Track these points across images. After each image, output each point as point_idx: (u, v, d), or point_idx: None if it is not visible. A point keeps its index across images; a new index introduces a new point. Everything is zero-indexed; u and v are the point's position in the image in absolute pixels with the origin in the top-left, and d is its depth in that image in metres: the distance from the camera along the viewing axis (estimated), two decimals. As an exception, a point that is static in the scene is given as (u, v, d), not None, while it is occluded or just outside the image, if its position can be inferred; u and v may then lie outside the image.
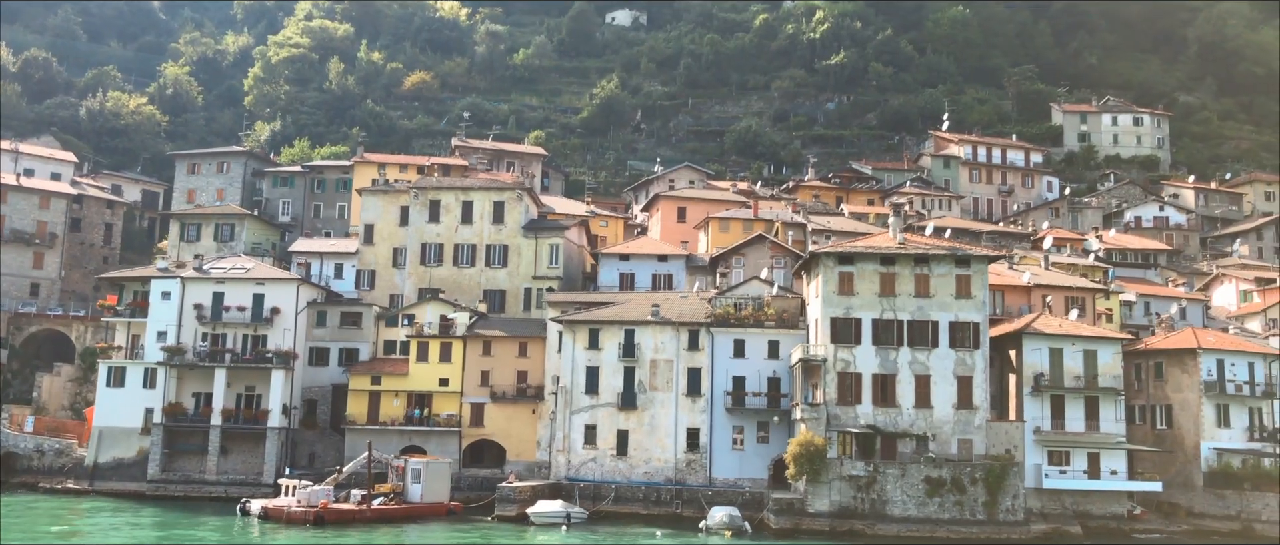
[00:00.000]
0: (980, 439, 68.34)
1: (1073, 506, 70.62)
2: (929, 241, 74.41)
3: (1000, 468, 64.78)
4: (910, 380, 68.96)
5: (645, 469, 75.84)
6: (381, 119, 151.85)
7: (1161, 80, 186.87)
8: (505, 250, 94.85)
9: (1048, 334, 72.10)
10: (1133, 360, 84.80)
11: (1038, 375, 71.32)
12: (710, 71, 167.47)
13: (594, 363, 77.56)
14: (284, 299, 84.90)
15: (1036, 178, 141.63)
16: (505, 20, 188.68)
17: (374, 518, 66.82)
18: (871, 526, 63.87)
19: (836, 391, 68.66)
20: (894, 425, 68.42)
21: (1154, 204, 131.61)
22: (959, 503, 63.96)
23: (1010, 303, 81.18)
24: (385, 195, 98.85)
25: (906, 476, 64.34)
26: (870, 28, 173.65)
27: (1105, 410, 72.06)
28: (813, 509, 64.88)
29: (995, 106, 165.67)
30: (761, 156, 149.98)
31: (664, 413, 76.26)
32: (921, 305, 69.86)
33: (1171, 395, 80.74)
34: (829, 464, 64.82)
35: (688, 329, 76.62)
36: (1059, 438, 70.94)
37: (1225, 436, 78.95)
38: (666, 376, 76.68)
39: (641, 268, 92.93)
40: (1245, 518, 74.55)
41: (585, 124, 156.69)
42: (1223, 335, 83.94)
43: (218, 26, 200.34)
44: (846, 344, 69.37)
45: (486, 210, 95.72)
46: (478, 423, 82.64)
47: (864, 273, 70.07)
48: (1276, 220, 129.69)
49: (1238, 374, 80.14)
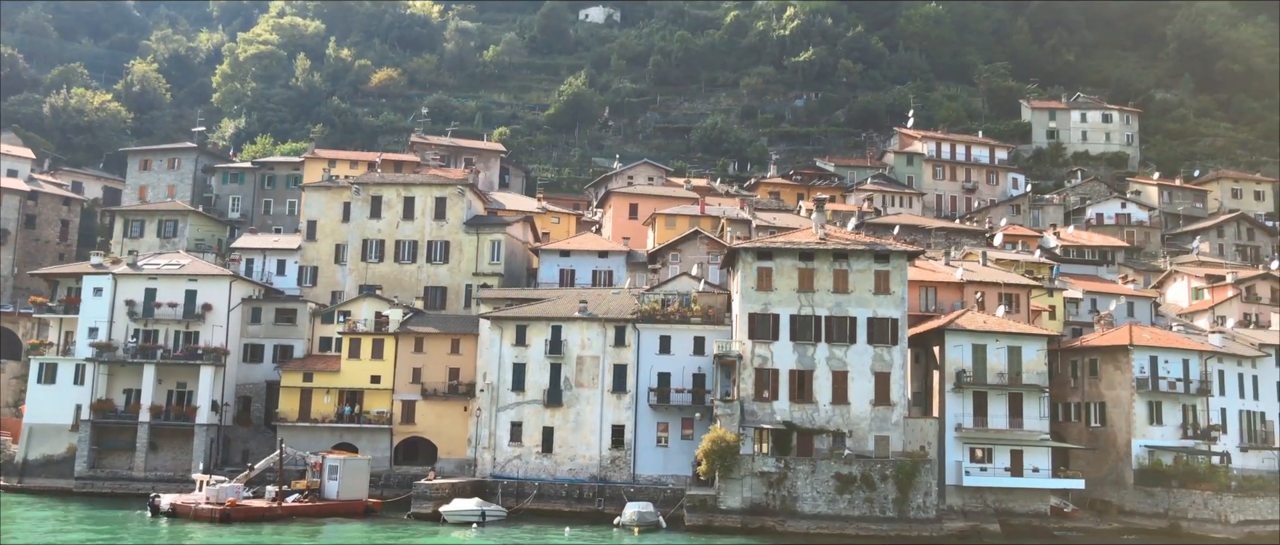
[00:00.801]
0: (897, 435, 67.88)
1: (995, 504, 70.12)
2: (849, 237, 74.01)
3: (911, 464, 64.31)
4: (828, 376, 68.54)
5: (570, 466, 75.50)
6: (346, 116, 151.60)
7: (1139, 77, 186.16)
8: (447, 246, 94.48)
9: (970, 330, 71.61)
10: (1068, 357, 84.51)
11: (959, 371, 70.86)
12: (680, 68, 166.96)
13: (521, 359, 77.22)
14: (217, 295, 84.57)
15: (1001, 175, 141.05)
16: (478, 17, 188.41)
17: (285, 515, 66.41)
18: (782, 523, 63.48)
19: (753, 387, 68.28)
20: (811, 421, 68.00)
21: (1116, 201, 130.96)
22: (869, 500, 63.50)
23: (943, 299, 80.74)
24: (329, 192, 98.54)
25: (816, 473, 63.91)
26: (841, 25, 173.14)
27: (1029, 407, 71.59)
28: (725, 506, 64.47)
29: (965, 104, 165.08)
30: (726, 153, 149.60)
31: (589, 409, 75.89)
32: (840, 301, 69.44)
33: (1105, 392, 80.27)
34: (741, 460, 64.39)
35: (614, 325, 76.25)
36: (980, 434, 70.48)
37: (1157, 434, 78.50)
38: (593, 373, 76.31)
39: (582, 264, 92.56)
40: (1172, 515, 74.11)
41: (552, 121, 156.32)
42: (1158, 332, 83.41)
43: (193, 24, 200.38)
44: (764, 340, 68.98)
45: (428, 206, 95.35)
46: (409, 420, 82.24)
47: (783, 268, 69.62)
48: (1237, 217, 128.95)
49: (1171, 371, 79.67)
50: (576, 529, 65.37)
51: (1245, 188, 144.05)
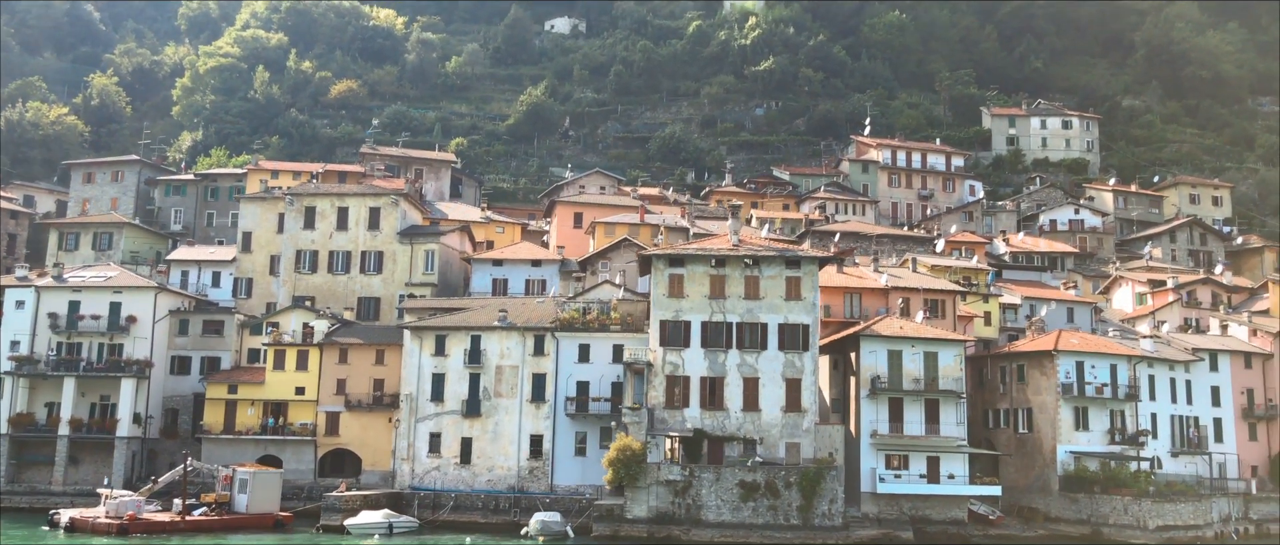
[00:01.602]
0: (809, 442, 67.34)
1: (911, 511, 69.56)
2: (762, 243, 73.50)
3: (815, 471, 63.75)
4: (739, 383, 68.02)
5: (488, 477, 74.95)
6: (304, 127, 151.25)
7: (1106, 84, 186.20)
8: (380, 257, 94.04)
9: (886, 336, 71.12)
10: (997, 363, 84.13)
11: (874, 377, 70.27)
12: (642, 78, 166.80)
13: (440, 370, 76.77)
14: (142, 307, 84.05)
15: (958, 182, 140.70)
16: (444, 29, 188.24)
17: (189, 529, 65.69)
18: (687, 532, 62.87)
19: (665, 395, 67.76)
20: (722, 429, 67.48)
21: (1069, 207, 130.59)
22: (773, 507, 62.90)
23: (868, 305, 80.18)
24: (264, 203, 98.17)
25: (721, 481, 63.33)
26: (803, 34, 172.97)
27: (946, 413, 71.05)
28: (631, 515, 63.87)
29: (926, 111, 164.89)
30: (684, 163, 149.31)
31: (508, 420, 75.40)
32: (752, 307, 68.95)
33: (1032, 398, 79.81)
34: (646, 469, 63.78)
35: (533, 334, 75.79)
36: (896, 441, 69.94)
37: (1083, 440, 78.00)
38: (512, 383, 75.83)
39: (515, 273, 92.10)
40: (1094, 521, 73.58)
41: (511, 131, 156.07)
42: (1088, 337, 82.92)
43: (160, 38, 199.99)
44: (676, 346, 68.49)
45: (362, 217, 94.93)
46: (333, 432, 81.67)
47: (695, 275, 69.17)
48: (1189, 223, 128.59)
49: (1098, 376, 79.19)
50: (483, 538, 64.73)
51: (1203, 193, 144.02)
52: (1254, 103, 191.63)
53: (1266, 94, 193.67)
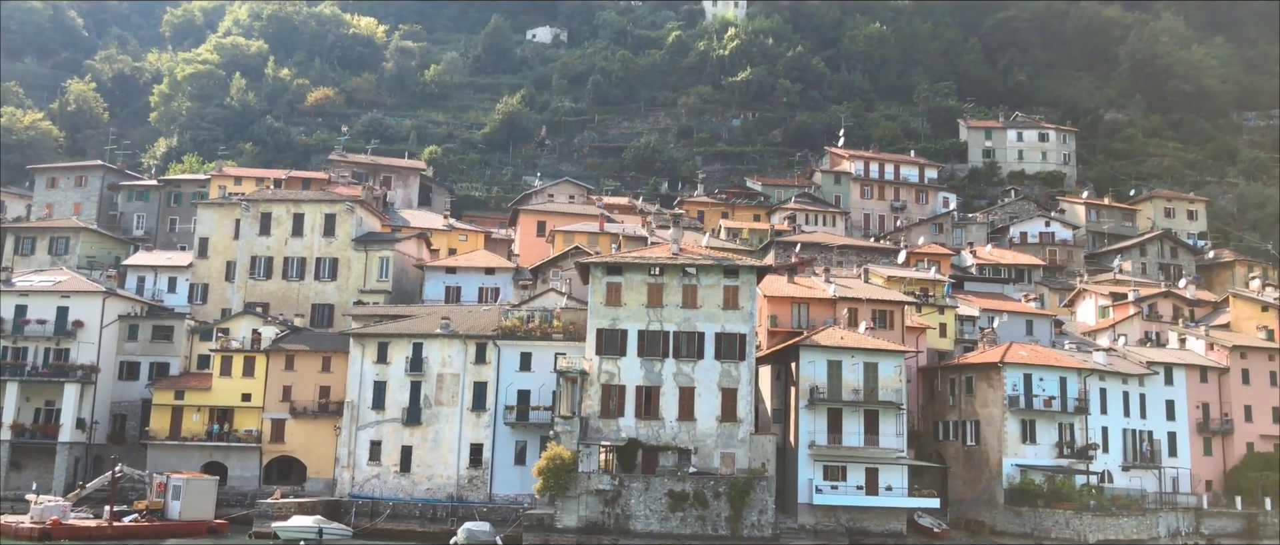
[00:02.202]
0: (743, 452, 66.81)
1: (848, 522, 68.95)
2: (700, 252, 73.06)
3: (744, 481, 63.23)
4: (675, 392, 67.57)
5: (427, 485, 74.54)
6: (279, 135, 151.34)
7: (1089, 97, 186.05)
8: (335, 263, 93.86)
9: (825, 346, 70.61)
10: (947, 375, 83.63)
11: (813, 388, 69.77)
12: (620, 88, 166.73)
13: (382, 377, 76.41)
14: (90, 312, 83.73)
15: (931, 194, 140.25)
16: (425, 37, 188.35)
17: (116, 535, 65.25)
18: (616, 541, 62.29)
19: (600, 404, 67.26)
20: (657, 438, 66.99)
21: (1040, 219, 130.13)
22: (701, 517, 62.39)
23: (815, 315, 79.64)
24: (221, 208, 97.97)
25: (650, 490, 62.85)
26: (783, 45, 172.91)
27: (886, 424, 70.47)
28: (561, 524, 63.38)
29: (904, 124, 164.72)
30: (658, 173, 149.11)
31: (448, 428, 75.01)
32: (689, 316, 68.53)
33: (980, 411, 79.29)
34: (577, 478, 63.29)
35: (475, 342, 75.41)
36: (834, 452, 69.37)
37: (1030, 452, 77.43)
38: (453, 391, 75.44)
39: (469, 281, 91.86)
40: (1037, 535, 72.96)
41: (486, 140, 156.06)
42: (1039, 350, 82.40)
43: (144, 44, 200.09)
44: (613, 355, 68.01)
45: (318, 223, 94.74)
46: (278, 439, 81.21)
47: (632, 283, 68.76)
48: (1159, 236, 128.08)
49: (1047, 389, 78.66)
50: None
51: (1178, 207, 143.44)
52: (1239, 117, 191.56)
53: (1252, 108, 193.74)
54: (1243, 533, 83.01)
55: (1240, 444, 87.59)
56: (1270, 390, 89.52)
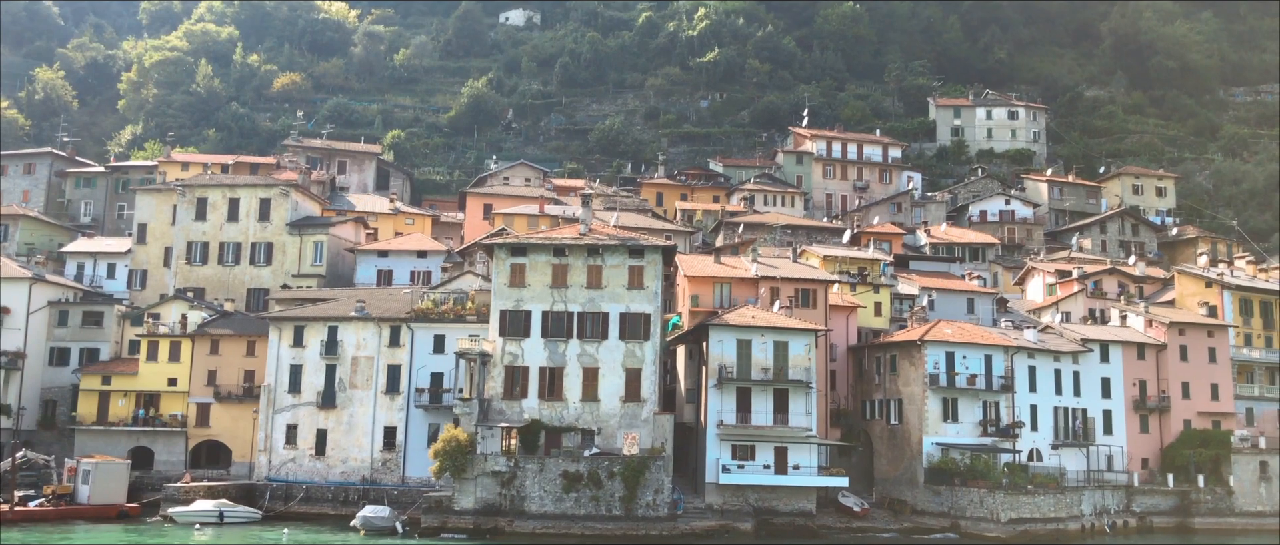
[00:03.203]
0: (647, 432, 66.40)
1: (757, 502, 68.51)
2: (610, 232, 72.46)
3: (638, 462, 62.80)
4: (578, 373, 67.20)
5: (342, 469, 74.44)
6: (244, 121, 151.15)
7: (1070, 74, 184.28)
8: (270, 248, 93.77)
9: (735, 325, 70.05)
10: (873, 354, 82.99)
11: (721, 367, 69.23)
12: (589, 70, 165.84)
13: (298, 361, 76.29)
14: (16, 298, 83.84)
15: (895, 173, 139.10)
16: (397, 21, 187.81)
17: (18, 519, 65.30)
18: (511, 523, 62.02)
19: (504, 385, 66.93)
20: (560, 419, 66.67)
21: (1001, 198, 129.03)
22: (595, 498, 62.04)
23: (738, 295, 79.00)
24: (160, 194, 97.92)
25: (545, 472, 62.53)
26: (753, 25, 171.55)
27: (795, 403, 69.95)
28: (459, 507, 63.20)
29: (875, 103, 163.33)
30: (622, 154, 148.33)
31: (362, 411, 74.85)
32: (594, 297, 68.10)
33: (902, 389, 78.70)
34: (473, 460, 63.01)
35: (389, 325, 75.11)
36: (742, 431, 68.87)
37: (952, 431, 76.83)
38: (367, 374, 75.25)
39: (400, 264, 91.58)
40: (954, 514, 72.42)
41: (452, 123, 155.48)
42: (964, 327, 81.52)
43: (121, 32, 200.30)
44: (517, 337, 67.66)
45: (253, 208, 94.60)
46: (203, 423, 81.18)
47: (536, 264, 68.36)
48: (1121, 213, 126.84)
49: (970, 367, 77.93)
50: (313, 530, 64.23)
51: (1147, 183, 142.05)
52: (1226, 93, 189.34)
53: (1240, 84, 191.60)
54: (1175, 510, 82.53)
55: (1177, 421, 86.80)
56: (1209, 367, 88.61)
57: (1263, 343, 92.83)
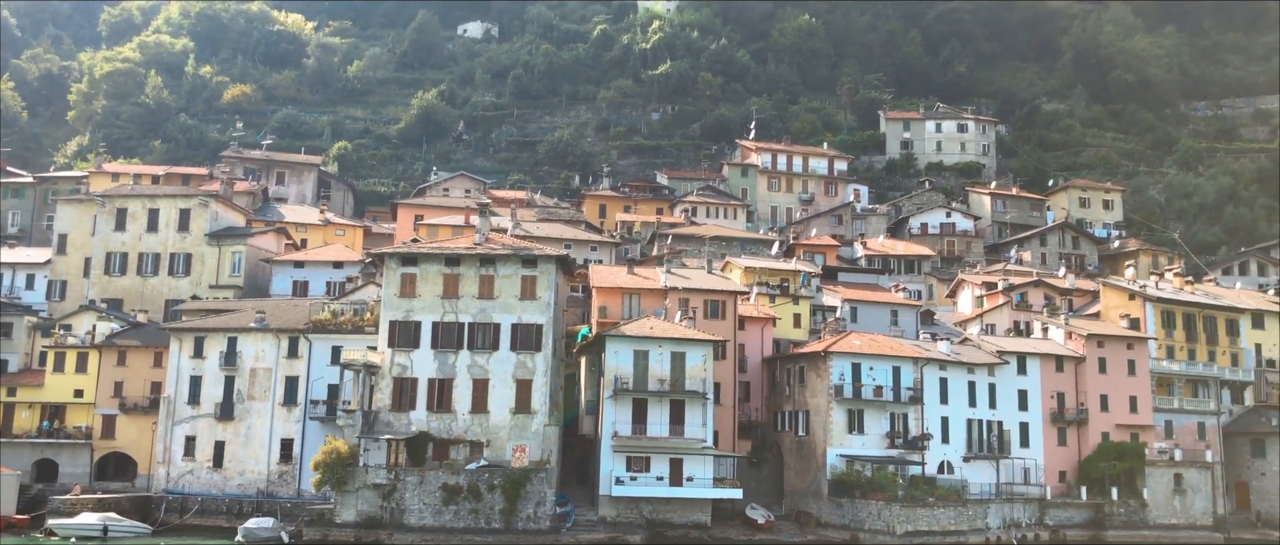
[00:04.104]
0: (537, 444, 65.78)
1: (651, 514, 67.91)
2: (506, 242, 71.95)
3: (520, 474, 62.21)
4: (468, 384, 66.62)
5: (239, 481, 73.73)
6: (192, 132, 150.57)
7: (1029, 88, 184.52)
8: (189, 259, 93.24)
9: (632, 336, 69.52)
10: (784, 365, 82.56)
11: (617, 378, 68.65)
12: (542, 82, 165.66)
13: (198, 372, 75.65)
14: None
15: (841, 185, 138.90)
16: (358, 34, 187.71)
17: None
18: (391, 536, 61.30)
19: (392, 397, 66.28)
20: (448, 431, 66.08)
21: (941, 211, 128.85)
22: (475, 511, 61.45)
23: (645, 305, 78.45)
24: (81, 205, 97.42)
25: (424, 484, 61.90)
26: (708, 38, 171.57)
27: (692, 414, 69.38)
28: (341, 519, 62.51)
29: (827, 116, 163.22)
30: (571, 166, 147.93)
31: (260, 423, 74.18)
32: (485, 307, 67.59)
33: (809, 401, 78.20)
34: (355, 472, 62.34)
35: (288, 336, 74.47)
36: (637, 442, 68.28)
37: (857, 443, 76.32)
38: (265, 385, 74.60)
39: (316, 275, 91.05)
40: (854, 526, 71.83)
41: (402, 135, 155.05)
42: (874, 338, 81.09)
43: (80, 44, 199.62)
44: (406, 348, 67.04)
45: (172, 218, 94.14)
46: (109, 435, 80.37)
47: (428, 274, 67.84)
48: (1061, 226, 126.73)
49: (877, 378, 77.45)
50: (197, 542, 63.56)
51: (1094, 197, 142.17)
52: (1187, 107, 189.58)
53: (1202, 98, 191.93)
54: (1089, 523, 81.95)
55: (1096, 433, 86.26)
56: (1129, 379, 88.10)
57: (1185, 355, 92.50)
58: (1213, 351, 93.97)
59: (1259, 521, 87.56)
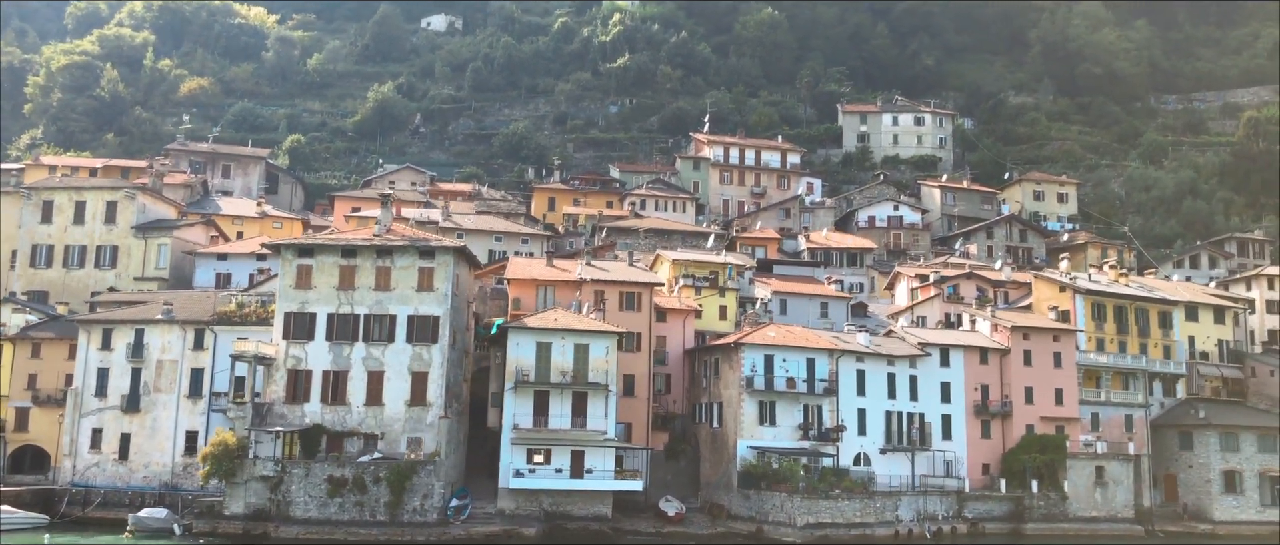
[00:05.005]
0: (432, 437, 65.44)
1: (552, 506, 67.55)
2: (400, 233, 71.43)
3: (406, 466, 61.82)
4: (363, 377, 66.22)
5: (144, 473, 73.29)
6: (146, 125, 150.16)
7: (997, 81, 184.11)
8: (115, 251, 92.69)
9: (534, 328, 69.10)
10: (702, 358, 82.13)
11: (519, 370, 68.27)
12: (502, 75, 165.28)
13: (105, 364, 75.16)
14: None
15: (793, 178, 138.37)
16: (319, 26, 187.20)
17: None
18: (276, 529, 60.93)
19: (285, 389, 65.86)
20: (343, 424, 65.67)
21: (889, 204, 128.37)
22: (360, 503, 61.02)
23: (560, 297, 78.05)
24: (8, 197, 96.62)
25: (310, 476, 61.50)
26: (669, 30, 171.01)
27: (594, 406, 69.02)
28: (229, 511, 62.09)
29: (787, 110, 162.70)
30: (525, 159, 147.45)
31: (166, 415, 73.74)
32: (381, 299, 67.17)
33: (723, 392, 77.77)
34: (243, 465, 61.95)
35: (194, 328, 74.02)
36: (537, 435, 67.90)
37: (768, 435, 75.99)
38: (171, 377, 74.17)
39: (239, 267, 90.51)
40: (759, 518, 71.46)
41: (357, 128, 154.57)
42: (790, 330, 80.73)
43: (45, 37, 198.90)
44: (301, 340, 66.61)
45: (99, 210, 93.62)
46: (22, 428, 79.68)
47: (324, 266, 67.38)
48: (1007, 219, 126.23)
49: (790, 370, 77.05)
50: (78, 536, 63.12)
51: (1048, 189, 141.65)
52: (1157, 100, 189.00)
53: (1174, 91, 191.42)
54: (1009, 516, 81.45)
55: (1020, 426, 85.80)
56: (1054, 372, 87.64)
57: (1115, 348, 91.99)
58: (1144, 344, 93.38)
59: (1186, 513, 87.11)
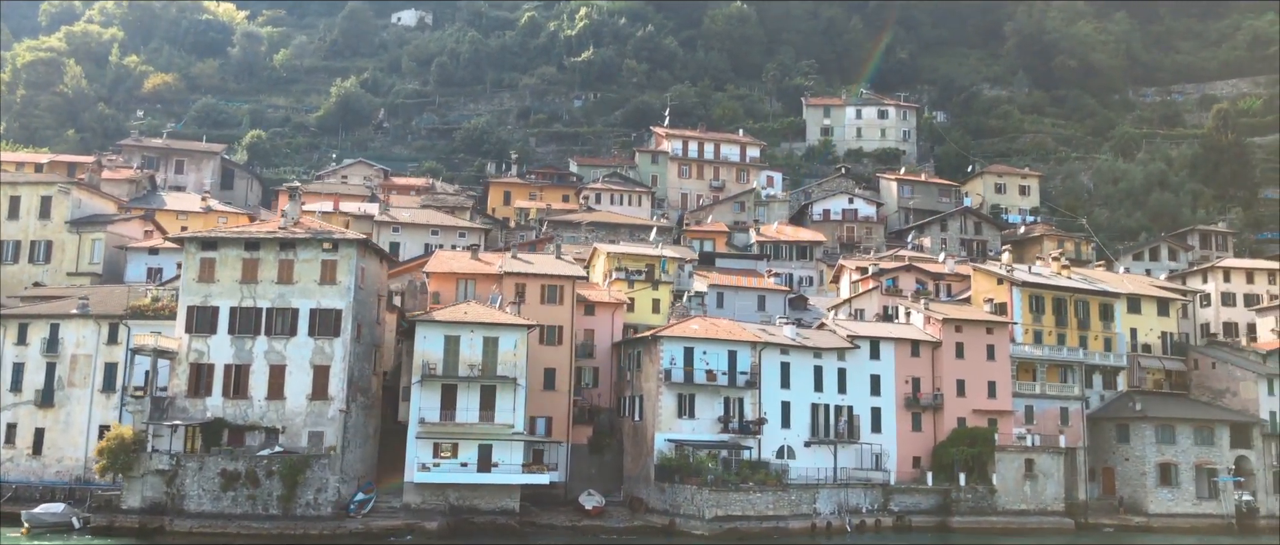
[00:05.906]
0: (334, 430, 65.11)
1: (458, 500, 67.23)
2: (315, 227, 71.05)
3: (299, 460, 61.51)
4: (265, 370, 65.86)
5: (58, 468, 72.97)
6: (109, 121, 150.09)
7: (973, 74, 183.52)
8: (49, 246, 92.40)
9: (442, 321, 68.77)
10: (626, 351, 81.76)
11: (426, 363, 67.95)
12: (467, 70, 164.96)
13: (21, 358, 74.85)
14: None
15: (753, 172, 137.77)
16: (289, 21, 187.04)
17: None
18: (171, 523, 60.66)
19: (187, 383, 65.59)
20: (244, 417, 65.35)
21: (843, 197, 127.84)
22: (252, 497, 60.70)
23: (481, 291, 77.72)
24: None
25: (204, 470, 61.20)
26: (636, 25, 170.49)
27: (503, 399, 68.63)
28: (126, 505, 61.89)
29: (752, 104, 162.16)
30: (486, 154, 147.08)
31: (79, 409, 73.41)
32: (284, 292, 66.80)
33: (643, 385, 77.38)
34: (139, 459, 61.71)
35: (108, 322, 73.76)
36: (444, 429, 67.59)
37: (687, 427, 75.62)
38: (85, 372, 73.85)
39: (170, 262, 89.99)
40: (672, 511, 71.12)
41: (320, 123, 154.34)
42: (713, 322, 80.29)
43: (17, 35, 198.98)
44: (204, 333, 66.30)
45: (34, 205, 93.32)
46: (-54, 423, 79.63)
47: (227, 259, 67.06)
48: (961, 212, 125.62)
49: (711, 363, 76.63)
50: None
51: (1010, 182, 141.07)
52: (1135, 93, 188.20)
53: (1152, 84, 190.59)
54: (936, 509, 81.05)
55: (951, 419, 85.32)
56: (987, 364, 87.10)
57: (1054, 340, 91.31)
58: (1084, 336, 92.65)
59: (1122, 506, 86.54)
